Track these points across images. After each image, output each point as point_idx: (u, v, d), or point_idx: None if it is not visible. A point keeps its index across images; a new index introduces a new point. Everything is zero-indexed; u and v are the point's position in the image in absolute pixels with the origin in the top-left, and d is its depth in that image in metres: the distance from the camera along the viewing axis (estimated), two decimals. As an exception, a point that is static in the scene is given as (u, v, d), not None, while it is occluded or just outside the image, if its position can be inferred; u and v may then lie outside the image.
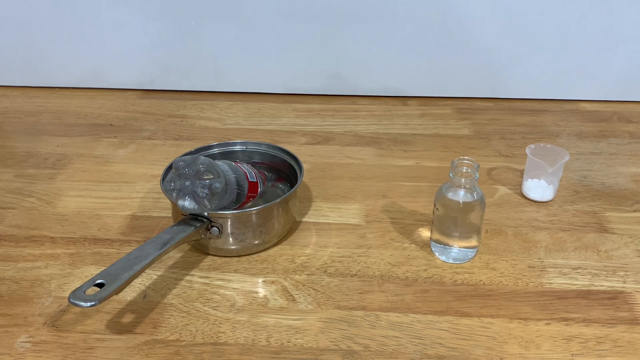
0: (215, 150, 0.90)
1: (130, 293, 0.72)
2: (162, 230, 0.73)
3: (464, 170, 0.73)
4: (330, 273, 0.76)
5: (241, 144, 0.91)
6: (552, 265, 0.77)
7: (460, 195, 0.73)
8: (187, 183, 0.70)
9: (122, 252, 0.79)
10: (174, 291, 0.73)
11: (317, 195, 0.93)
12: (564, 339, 0.65)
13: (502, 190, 0.94)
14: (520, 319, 0.68)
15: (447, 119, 1.20)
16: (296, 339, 0.66)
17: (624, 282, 0.74)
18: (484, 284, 0.74)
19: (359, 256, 0.79)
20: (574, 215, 0.87)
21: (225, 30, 1.26)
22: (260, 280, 0.75)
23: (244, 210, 0.76)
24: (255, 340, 0.65)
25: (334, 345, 0.65)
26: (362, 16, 1.22)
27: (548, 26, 1.21)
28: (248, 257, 0.79)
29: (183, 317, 0.69)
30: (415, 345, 0.65)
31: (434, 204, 0.76)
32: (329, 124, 1.18)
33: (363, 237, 0.83)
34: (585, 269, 0.76)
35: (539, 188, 0.90)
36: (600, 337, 0.66)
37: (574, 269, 0.76)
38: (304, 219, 0.87)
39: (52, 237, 0.83)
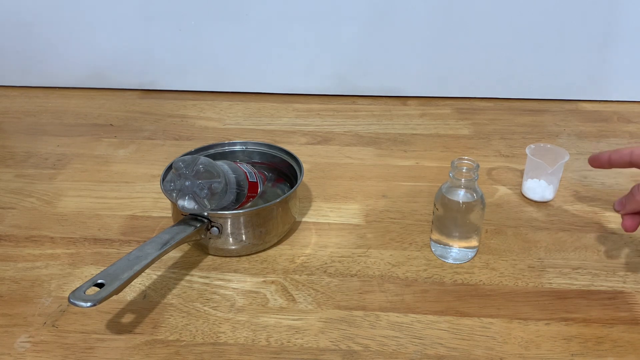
0: (215, 150, 0.90)
1: (130, 293, 0.72)
2: (162, 230, 0.73)
3: (464, 170, 0.73)
4: (330, 273, 0.76)
5: (241, 144, 0.91)
6: (552, 265, 0.77)
7: (460, 195, 0.73)
8: (187, 183, 0.70)
9: (122, 252, 0.79)
10: (174, 291, 0.73)
11: (317, 195, 0.93)
12: (564, 339, 0.65)
13: (502, 190, 0.94)
14: (520, 319, 0.68)
15: (447, 119, 1.20)
16: (296, 339, 0.66)
17: (624, 282, 0.74)
18: (484, 284, 0.74)
19: (359, 256, 0.79)
20: (574, 215, 0.87)
21: (225, 30, 1.26)
22: (260, 280, 0.75)
23: (244, 210, 0.76)
24: (255, 340, 0.65)
25: (334, 345, 0.65)
26: (362, 16, 1.22)
27: (548, 26, 1.21)
28: (248, 257, 0.79)
29: (183, 317, 0.69)
30: (415, 345, 0.65)
31: (434, 204, 0.76)
32: (329, 124, 1.18)
33: (363, 237, 0.83)
34: (585, 269, 0.76)
35: (539, 188, 0.90)
36: (600, 337, 0.66)
37: (574, 269, 0.76)
38: (304, 219, 0.87)
39: (52, 237, 0.83)
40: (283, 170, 0.89)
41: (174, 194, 0.72)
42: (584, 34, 1.21)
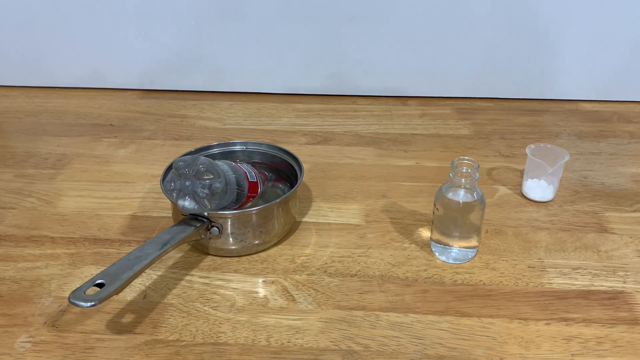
0: (215, 150, 0.90)
1: (130, 293, 0.72)
2: (162, 230, 0.73)
3: (464, 170, 0.73)
4: (330, 273, 0.76)
5: (241, 144, 0.91)
6: (552, 265, 0.77)
7: (460, 195, 0.73)
8: (187, 183, 0.70)
9: (122, 252, 0.79)
10: (174, 291, 0.73)
11: (317, 195, 0.93)
12: (564, 339, 0.65)
13: (502, 190, 0.94)
14: (520, 319, 0.68)
15: (447, 119, 1.20)
16: (296, 339, 0.66)
17: (624, 282, 0.74)
18: (484, 284, 0.74)
19: (359, 256, 0.79)
20: (574, 215, 0.87)
21: (225, 30, 1.26)
22: (260, 280, 0.75)
23: (244, 210, 0.76)
24: (255, 340, 0.66)
25: (334, 345, 0.65)
26: (362, 16, 1.22)
27: (548, 26, 1.21)
28: (248, 257, 0.79)
29: (183, 317, 0.69)
30: (415, 345, 0.65)
31: (434, 204, 0.76)
32: (329, 124, 1.18)
33: (363, 237, 0.83)
34: (585, 269, 0.76)
35: (539, 188, 0.90)
36: (600, 337, 0.66)
37: (574, 269, 0.76)
38: (304, 219, 0.87)
39: (52, 237, 0.83)
40: (283, 170, 0.89)
41: (174, 194, 0.72)
42: (584, 34, 1.21)
